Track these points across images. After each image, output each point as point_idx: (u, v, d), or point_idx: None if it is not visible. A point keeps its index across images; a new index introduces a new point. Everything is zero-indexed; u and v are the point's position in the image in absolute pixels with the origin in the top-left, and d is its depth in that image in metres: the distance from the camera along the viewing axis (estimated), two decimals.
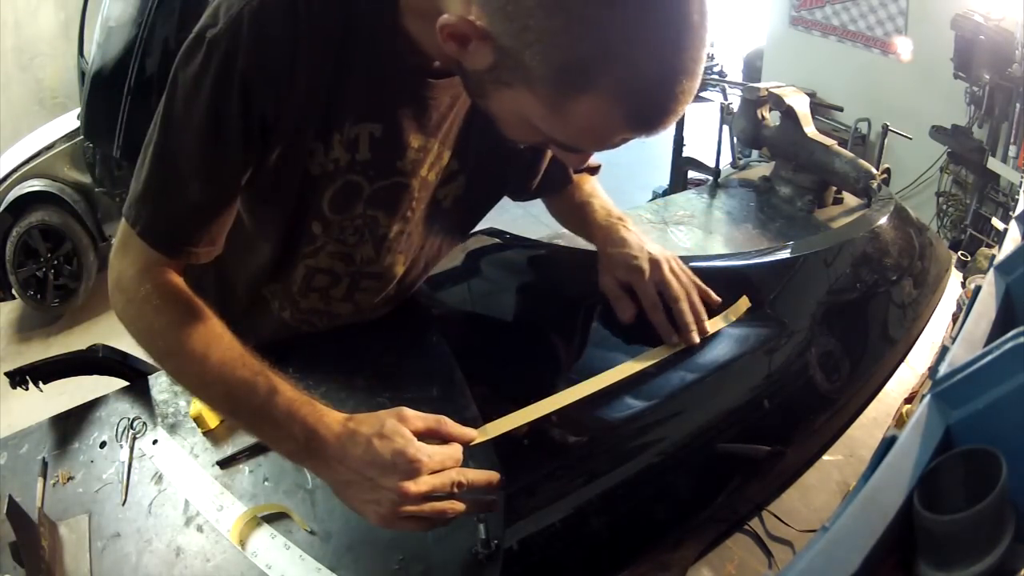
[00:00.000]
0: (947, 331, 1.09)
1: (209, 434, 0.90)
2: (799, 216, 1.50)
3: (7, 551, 0.72)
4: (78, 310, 3.66)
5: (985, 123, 3.10)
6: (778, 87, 1.57)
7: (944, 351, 0.63)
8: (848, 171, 1.41)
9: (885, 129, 1.70)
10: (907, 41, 3.45)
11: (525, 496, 0.77)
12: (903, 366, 1.08)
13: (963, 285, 1.24)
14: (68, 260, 3.63)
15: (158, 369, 0.96)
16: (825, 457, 0.92)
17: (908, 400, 0.95)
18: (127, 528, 0.80)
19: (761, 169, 1.73)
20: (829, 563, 0.41)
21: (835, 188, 1.52)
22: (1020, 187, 2.01)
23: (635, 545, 0.78)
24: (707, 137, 2.60)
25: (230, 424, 0.90)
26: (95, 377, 1.12)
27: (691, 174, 3.50)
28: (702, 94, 3.48)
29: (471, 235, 1.22)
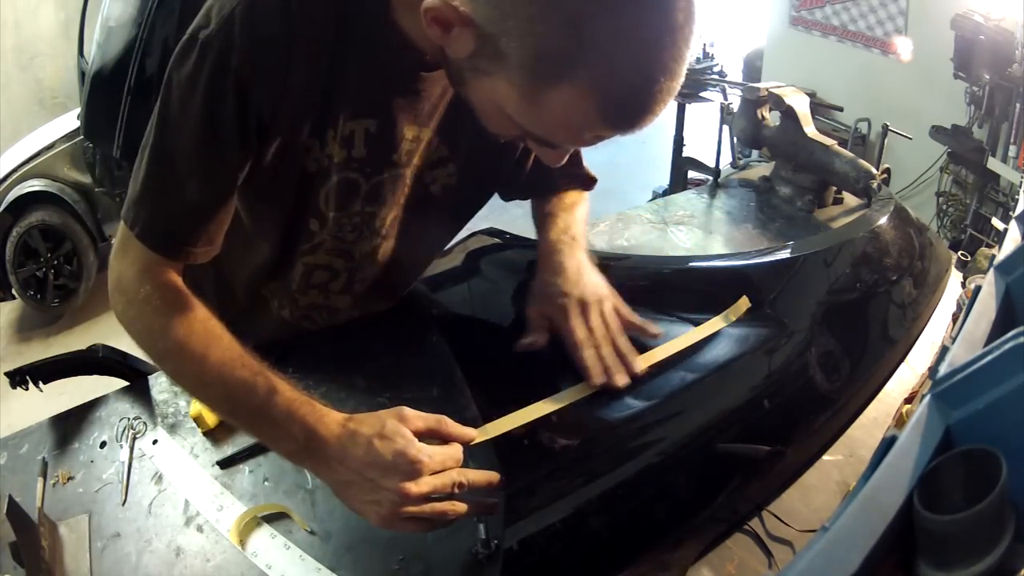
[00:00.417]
0: (947, 331, 1.09)
1: (209, 434, 0.90)
2: (799, 216, 1.50)
3: (7, 551, 0.72)
4: (78, 310, 3.66)
5: (985, 123, 3.10)
6: (778, 87, 1.57)
7: (944, 351, 0.63)
8: (848, 171, 1.41)
9: (885, 129, 1.70)
10: (907, 41, 3.44)
11: (525, 496, 0.77)
12: (903, 366, 1.08)
13: (963, 285, 1.24)
14: (68, 260, 3.63)
15: (158, 369, 0.96)
16: (825, 457, 0.92)
17: (908, 400, 0.95)
18: (127, 528, 0.80)
19: (761, 169, 1.73)
20: (829, 563, 0.41)
21: (835, 188, 1.51)
22: (1020, 187, 2.01)
23: (635, 545, 0.78)
24: (707, 137, 2.61)
25: (230, 425, 0.90)
26: (95, 377, 1.12)
27: (691, 174, 3.51)
28: (702, 94, 3.49)
29: (471, 235, 1.22)
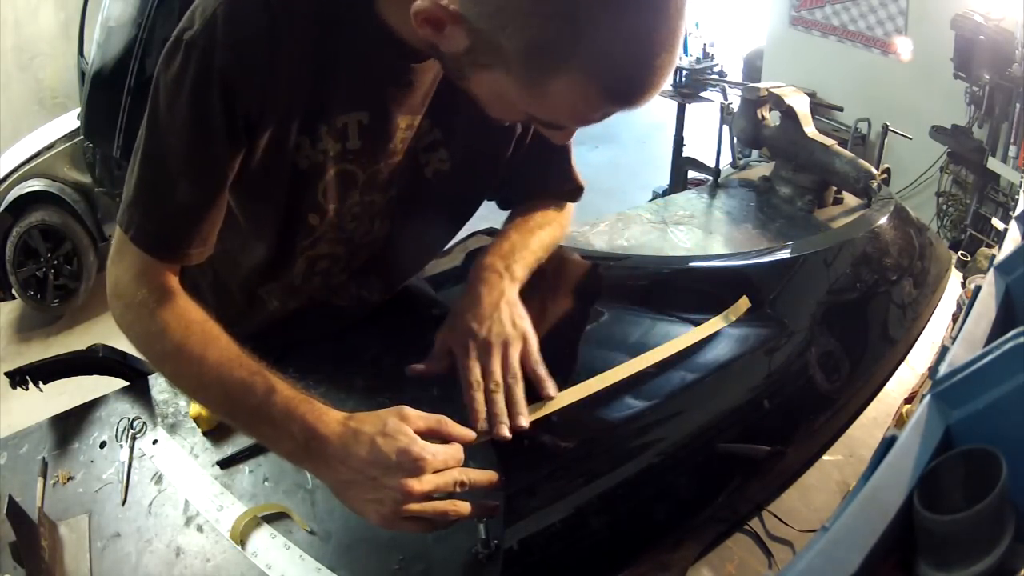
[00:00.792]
0: (947, 331, 1.09)
1: (209, 434, 0.91)
2: (799, 216, 1.50)
3: (7, 551, 0.72)
4: (78, 310, 3.66)
5: (985, 123, 3.10)
6: (778, 87, 1.57)
7: (944, 351, 0.63)
8: (848, 171, 1.41)
9: (885, 129, 1.70)
10: (907, 41, 3.44)
11: (525, 496, 0.77)
12: (903, 366, 1.08)
13: (963, 285, 1.24)
14: (68, 260, 3.62)
15: None
16: (825, 457, 0.92)
17: (908, 400, 0.95)
18: (127, 528, 0.80)
19: (761, 169, 1.73)
20: (829, 563, 0.41)
21: (835, 188, 1.52)
22: (1020, 187, 2.01)
23: (635, 545, 0.78)
24: (707, 137, 2.61)
25: (229, 426, 0.90)
26: (95, 377, 1.12)
27: (691, 174, 3.50)
28: (702, 94, 3.48)
29: (471, 235, 1.22)
